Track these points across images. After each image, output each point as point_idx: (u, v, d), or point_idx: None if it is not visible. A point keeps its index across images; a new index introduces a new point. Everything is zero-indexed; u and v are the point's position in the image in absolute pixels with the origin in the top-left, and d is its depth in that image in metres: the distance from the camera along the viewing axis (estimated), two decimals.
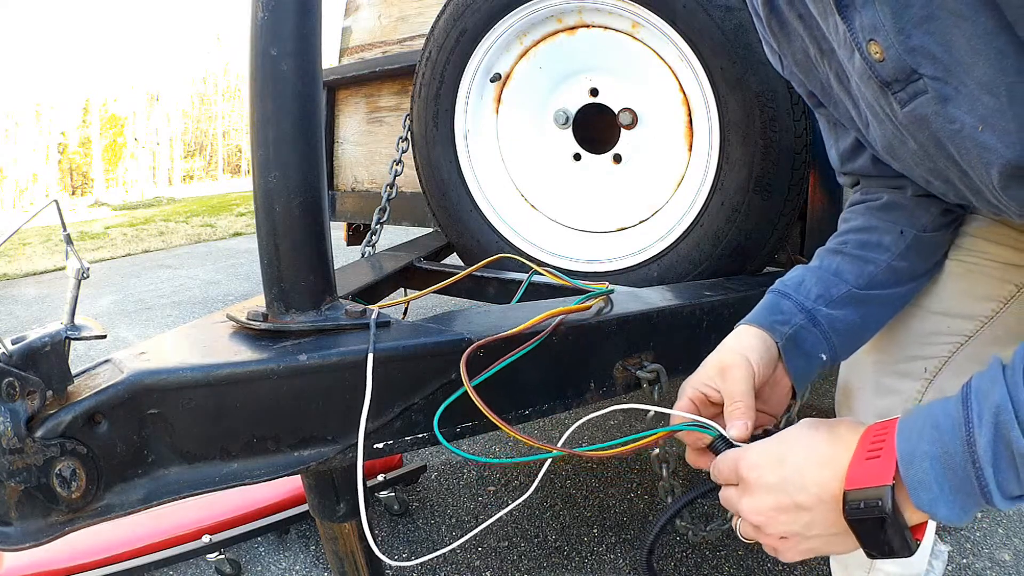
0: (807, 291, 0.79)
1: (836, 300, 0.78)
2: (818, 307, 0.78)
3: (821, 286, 0.79)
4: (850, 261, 0.81)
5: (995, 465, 0.47)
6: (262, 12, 0.73)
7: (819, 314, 0.77)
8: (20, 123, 34.51)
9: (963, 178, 0.63)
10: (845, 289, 0.79)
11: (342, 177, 2.19)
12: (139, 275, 5.40)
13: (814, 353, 0.77)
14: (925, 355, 0.87)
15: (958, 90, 0.54)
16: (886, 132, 0.67)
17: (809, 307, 0.78)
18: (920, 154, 0.65)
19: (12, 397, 0.58)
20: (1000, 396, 0.48)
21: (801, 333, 0.76)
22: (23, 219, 0.68)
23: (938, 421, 0.51)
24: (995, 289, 0.83)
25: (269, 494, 1.58)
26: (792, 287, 0.80)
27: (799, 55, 0.73)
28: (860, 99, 0.67)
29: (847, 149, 0.84)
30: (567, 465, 1.98)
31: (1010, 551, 1.56)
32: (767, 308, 0.79)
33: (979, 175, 0.59)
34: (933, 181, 0.70)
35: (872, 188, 0.86)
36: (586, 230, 1.50)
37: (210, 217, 9.55)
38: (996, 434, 0.47)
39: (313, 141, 0.78)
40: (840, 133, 0.84)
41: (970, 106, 0.54)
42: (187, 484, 0.69)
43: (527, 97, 1.51)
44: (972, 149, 0.56)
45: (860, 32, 0.57)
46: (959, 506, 0.49)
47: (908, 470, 0.51)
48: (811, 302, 0.78)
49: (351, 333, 0.79)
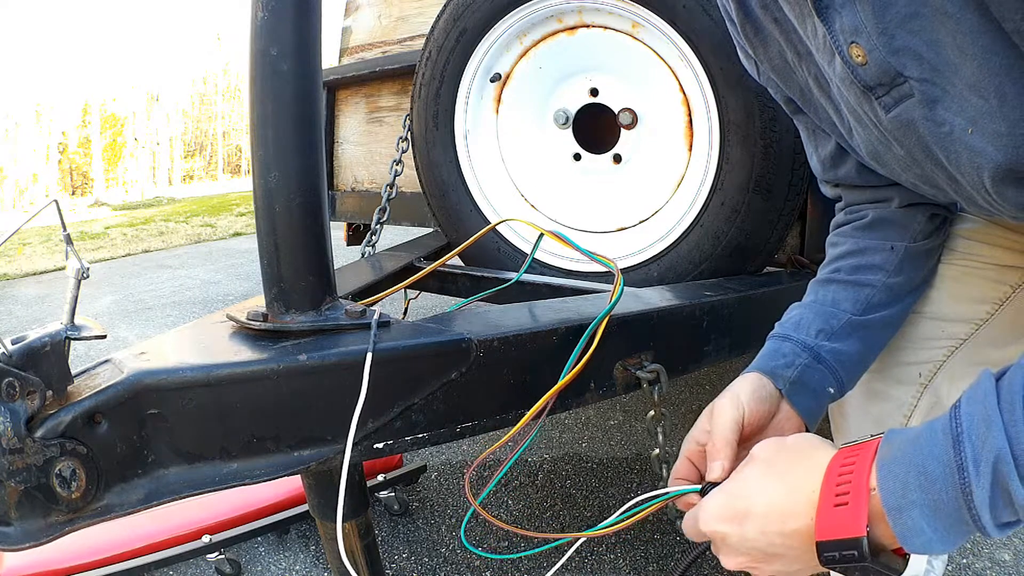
0: (807, 328, 0.78)
1: (837, 332, 0.77)
2: (820, 343, 0.76)
3: (820, 320, 0.78)
4: (845, 288, 0.80)
5: (992, 509, 0.45)
6: (262, 12, 0.73)
7: (822, 350, 0.76)
8: (20, 123, 34.52)
9: (952, 183, 0.61)
10: (845, 319, 0.77)
11: (342, 177, 2.19)
12: (139, 275, 5.40)
13: (821, 389, 0.76)
14: (919, 360, 0.85)
15: (946, 91, 0.52)
16: (870, 138, 0.65)
17: (811, 344, 0.76)
18: (907, 160, 0.63)
19: (12, 397, 0.58)
20: (998, 442, 0.44)
21: (807, 373, 0.75)
22: (23, 219, 0.68)
23: (926, 467, 0.47)
24: (989, 291, 0.82)
25: (269, 494, 1.58)
26: (791, 328, 0.79)
27: (776, 60, 0.72)
28: (842, 104, 0.65)
29: (828, 156, 0.82)
30: (567, 465, 1.98)
31: (1010, 551, 1.56)
32: (767, 355, 0.77)
33: (970, 180, 0.57)
34: (921, 186, 0.68)
35: (855, 206, 0.85)
36: (586, 230, 1.49)
37: (210, 217, 9.55)
38: (994, 484, 0.44)
39: (313, 141, 0.78)
40: (820, 140, 0.82)
41: (959, 108, 0.52)
42: (187, 484, 0.69)
43: (527, 97, 1.51)
44: (962, 153, 0.54)
45: (841, 35, 0.55)
46: (952, 542, 0.48)
47: (897, 520, 0.48)
48: (812, 339, 0.76)
49: (351, 333, 0.79)
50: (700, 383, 2.52)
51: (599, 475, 1.92)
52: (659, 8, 1.24)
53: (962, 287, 0.83)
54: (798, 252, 1.44)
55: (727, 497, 0.57)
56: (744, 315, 1.16)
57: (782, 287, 1.26)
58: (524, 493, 1.84)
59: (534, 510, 1.75)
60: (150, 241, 7.47)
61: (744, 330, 1.17)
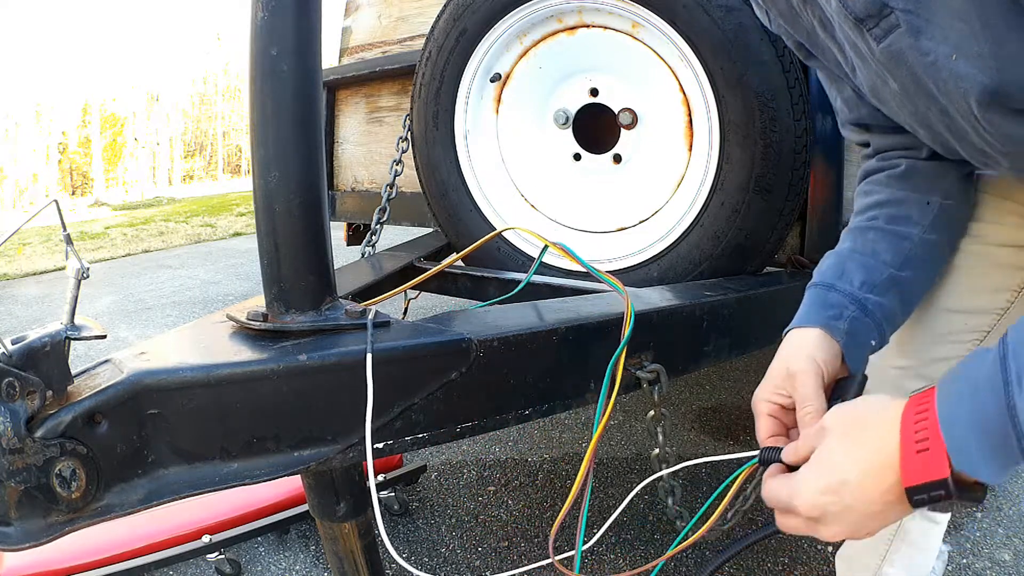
0: (850, 279, 0.77)
1: (879, 286, 0.77)
2: (866, 295, 0.76)
3: (863, 272, 0.77)
4: (884, 237, 0.79)
5: None
6: (262, 12, 0.73)
7: (868, 303, 0.76)
8: (20, 123, 34.51)
9: (944, 118, 0.62)
10: (887, 273, 0.77)
11: (342, 177, 2.19)
12: (139, 275, 5.40)
13: (866, 342, 0.76)
14: (948, 355, 0.86)
15: (929, 20, 0.54)
16: (869, 73, 0.67)
17: (859, 297, 0.76)
18: (901, 96, 0.65)
19: (12, 397, 0.58)
20: None
21: (855, 325, 0.74)
22: (23, 219, 0.68)
23: (976, 383, 0.50)
24: (1006, 279, 0.83)
25: (269, 494, 1.58)
26: (833, 276, 0.78)
27: (782, 6, 0.74)
28: (844, 42, 0.67)
29: (850, 96, 0.82)
30: (567, 465, 1.98)
31: (1010, 551, 1.56)
32: (817, 305, 0.77)
33: (959, 108, 0.58)
34: (919, 130, 0.69)
35: (886, 153, 0.85)
36: (586, 230, 1.49)
37: (210, 217, 9.55)
38: None
39: (313, 141, 0.78)
40: (839, 82, 0.83)
41: (943, 35, 0.54)
42: (187, 484, 0.69)
43: (527, 97, 1.51)
44: (948, 80, 0.56)
45: None
46: (998, 466, 0.49)
47: (948, 433, 0.50)
48: (857, 290, 0.76)
49: (351, 333, 0.79)
50: (700, 383, 2.52)
51: (599, 475, 1.91)
52: (659, 8, 1.24)
53: (978, 277, 0.84)
54: (798, 252, 1.43)
55: (818, 473, 0.58)
56: (744, 315, 1.16)
57: (782, 287, 1.26)
58: (524, 493, 1.84)
59: (534, 510, 1.75)
60: (150, 241, 7.47)
61: (744, 330, 1.17)
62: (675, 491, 1.03)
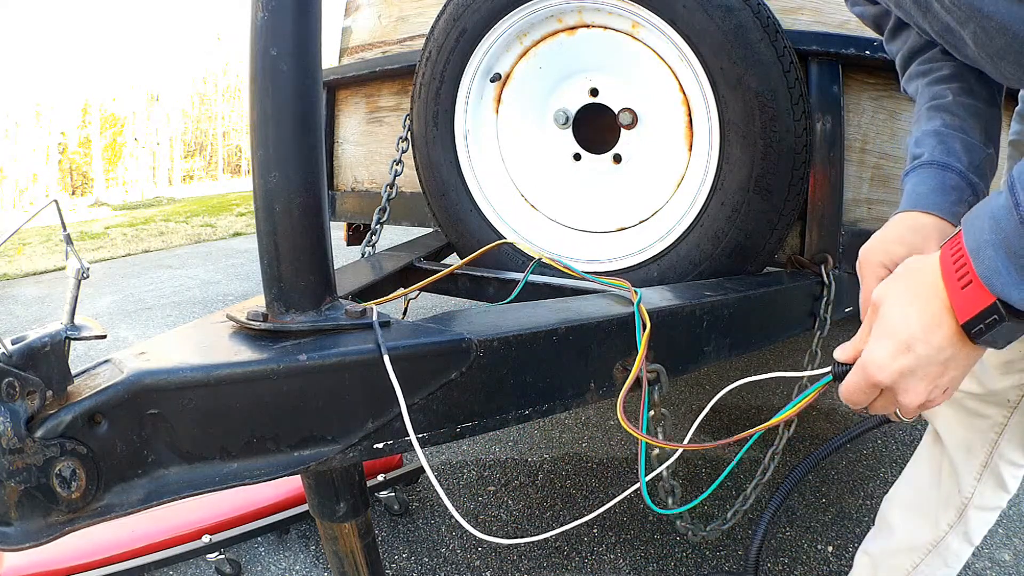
0: (958, 157, 0.77)
1: (979, 167, 0.77)
2: (975, 180, 0.76)
3: (967, 153, 0.78)
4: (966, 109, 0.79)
5: None
6: (262, 12, 0.73)
7: (978, 189, 0.76)
8: (20, 123, 34.52)
9: None
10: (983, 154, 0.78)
11: (342, 177, 2.19)
12: (139, 275, 5.39)
13: None
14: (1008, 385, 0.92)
15: None
16: None
17: (972, 181, 0.76)
18: None
19: (12, 397, 0.58)
20: None
21: None
22: (23, 219, 0.68)
23: (995, 212, 0.53)
24: None
25: (269, 494, 1.58)
26: (942, 154, 0.78)
27: None
28: None
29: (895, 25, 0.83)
30: (567, 465, 1.98)
31: (1010, 551, 1.56)
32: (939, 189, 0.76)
33: None
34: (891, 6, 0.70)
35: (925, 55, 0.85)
36: (586, 230, 1.50)
37: (210, 217, 9.55)
38: None
39: (313, 141, 0.78)
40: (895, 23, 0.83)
41: None
42: (187, 484, 0.69)
43: (527, 97, 1.51)
44: None
45: None
46: None
47: (977, 261, 0.53)
48: (967, 170, 0.76)
49: (351, 333, 0.79)
50: (700, 383, 2.52)
51: (599, 475, 1.92)
52: (659, 8, 1.24)
53: None
54: (798, 252, 1.43)
55: (884, 342, 0.59)
56: (744, 315, 1.16)
57: (782, 287, 1.26)
58: (524, 493, 1.84)
59: (534, 510, 1.75)
60: (150, 241, 7.46)
61: (744, 330, 1.17)
62: (675, 490, 1.03)
